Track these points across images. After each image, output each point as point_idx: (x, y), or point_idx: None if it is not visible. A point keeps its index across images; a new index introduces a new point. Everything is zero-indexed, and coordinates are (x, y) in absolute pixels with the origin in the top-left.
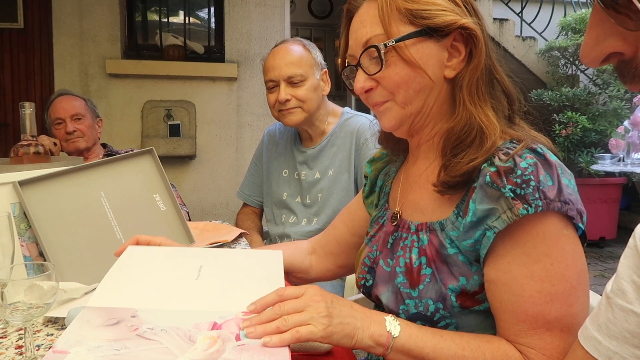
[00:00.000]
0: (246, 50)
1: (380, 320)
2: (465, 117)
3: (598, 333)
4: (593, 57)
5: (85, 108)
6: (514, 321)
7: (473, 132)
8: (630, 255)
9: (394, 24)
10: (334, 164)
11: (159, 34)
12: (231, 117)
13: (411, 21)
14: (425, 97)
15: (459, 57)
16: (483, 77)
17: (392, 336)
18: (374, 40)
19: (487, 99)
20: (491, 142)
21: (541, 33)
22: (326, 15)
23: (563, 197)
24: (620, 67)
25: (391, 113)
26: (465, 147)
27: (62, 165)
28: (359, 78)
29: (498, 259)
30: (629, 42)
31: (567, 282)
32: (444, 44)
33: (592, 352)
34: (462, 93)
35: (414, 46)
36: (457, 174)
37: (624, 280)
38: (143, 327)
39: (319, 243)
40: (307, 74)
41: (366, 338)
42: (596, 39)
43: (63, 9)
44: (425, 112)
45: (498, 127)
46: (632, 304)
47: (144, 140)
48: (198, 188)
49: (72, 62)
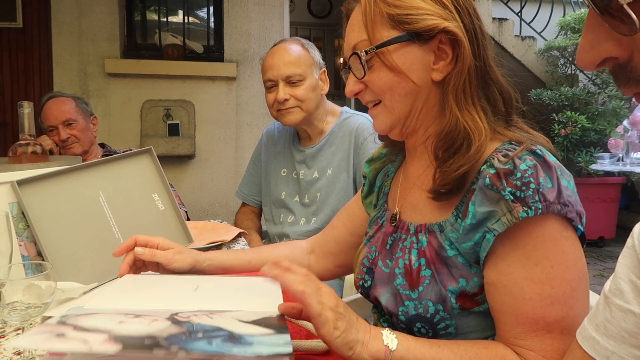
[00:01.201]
0: (245, 50)
1: (377, 335)
2: (452, 122)
3: (596, 333)
4: (588, 61)
5: (76, 110)
6: (514, 324)
7: (460, 136)
8: (629, 255)
9: (377, 29)
10: (333, 163)
11: (158, 34)
12: (230, 117)
13: (394, 26)
14: (412, 101)
15: (446, 59)
16: (471, 79)
17: (389, 350)
18: (359, 45)
19: (475, 102)
20: (476, 148)
21: (540, 33)
22: (325, 14)
23: (563, 199)
24: (615, 71)
25: (381, 117)
26: (453, 153)
27: (60, 165)
28: (349, 81)
29: (498, 261)
30: (623, 47)
31: (567, 285)
32: (430, 47)
33: (590, 351)
34: (448, 97)
35: (397, 51)
36: (446, 182)
37: (622, 280)
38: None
39: (317, 243)
40: (306, 74)
41: (364, 353)
42: (591, 43)
43: (62, 9)
44: (415, 115)
45: (485, 131)
46: (630, 303)
47: (143, 140)
48: (197, 188)
49: (71, 62)
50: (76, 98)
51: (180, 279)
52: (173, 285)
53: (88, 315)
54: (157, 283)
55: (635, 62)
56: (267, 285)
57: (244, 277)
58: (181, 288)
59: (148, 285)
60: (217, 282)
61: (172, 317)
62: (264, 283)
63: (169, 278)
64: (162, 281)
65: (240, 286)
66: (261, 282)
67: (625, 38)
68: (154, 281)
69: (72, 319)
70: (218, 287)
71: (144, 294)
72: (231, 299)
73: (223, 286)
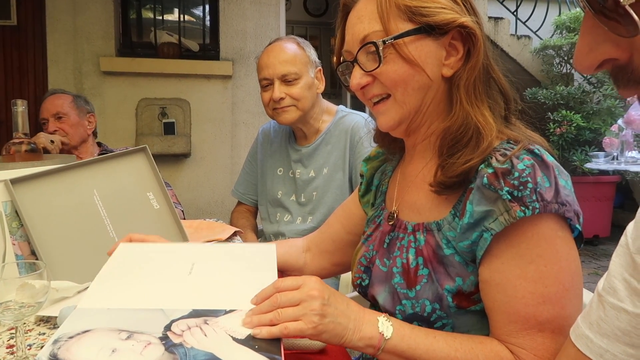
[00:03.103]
0: (241, 48)
1: (373, 320)
2: (462, 117)
3: (589, 331)
4: (587, 65)
5: (70, 105)
6: (507, 321)
7: (469, 132)
8: (622, 254)
9: (393, 21)
10: (329, 162)
11: (154, 32)
12: (226, 115)
13: (410, 18)
14: (423, 95)
15: (457, 55)
16: (480, 76)
17: (384, 338)
18: (372, 36)
19: (484, 98)
20: (487, 143)
21: (536, 32)
22: (322, 13)
23: (560, 198)
24: (615, 73)
25: (390, 113)
26: (461, 147)
27: (54, 164)
28: (355, 74)
29: (492, 259)
30: (622, 48)
31: (560, 284)
32: (442, 42)
33: (584, 349)
34: (460, 92)
35: (413, 44)
36: (453, 175)
37: (616, 279)
38: None
39: (313, 241)
40: (302, 72)
41: (356, 339)
42: (589, 46)
43: (57, 6)
44: (423, 111)
45: (494, 127)
46: (624, 301)
47: (138, 139)
48: (193, 186)
49: (66, 60)
50: (76, 96)
51: (175, 256)
52: (167, 268)
53: (80, 340)
54: (151, 262)
55: (636, 64)
56: (261, 258)
57: (238, 247)
58: (176, 271)
59: (141, 266)
60: (212, 257)
61: (165, 335)
62: (259, 253)
63: (164, 253)
64: (156, 259)
65: (235, 261)
66: (256, 253)
67: (624, 39)
68: (148, 258)
69: (63, 352)
70: (213, 266)
71: (137, 285)
72: (226, 286)
73: (218, 263)
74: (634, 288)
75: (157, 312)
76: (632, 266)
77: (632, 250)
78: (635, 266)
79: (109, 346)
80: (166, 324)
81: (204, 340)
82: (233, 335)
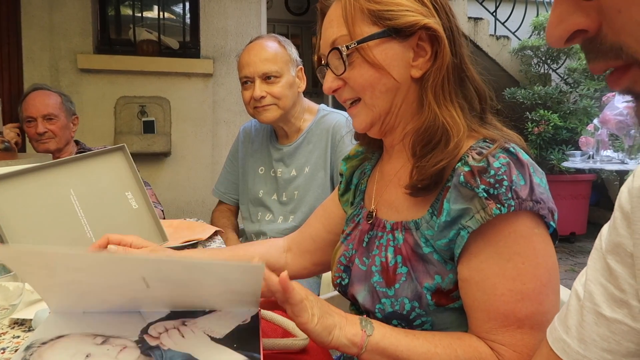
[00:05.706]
0: (222, 46)
1: (354, 320)
2: (430, 118)
3: (567, 335)
4: (557, 36)
5: (60, 107)
6: (486, 319)
7: (438, 132)
8: (597, 258)
9: (358, 25)
10: (310, 161)
11: (133, 29)
12: (207, 114)
13: (374, 22)
14: (392, 97)
15: (425, 56)
16: (449, 76)
17: (366, 334)
18: (339, 41)
19: (453, 98)
20: (454, 143)
21: (514, 32)
22: (303, 12)
23: (535, 196)
24: (586, 46)
25: (361, 116)
26: (431, 149)
27: (30, 162)
28: (327, 78)
29: (471, 257)
30: (591, 18)
31: (538, 281)
32: (409, 43)
33: (561, 354)
34: (427, 93)
35: (378, 47)
36: (424, 177)
37: (592, 283)
38: None
39: (294, 241)
40: (283, 71)
41: (342, 336)
42: (559, 17)
43: (32, 2)
44: (394, 112)
45: (463, 128)
46: (600, 306)
47: (117, 137)
48: (173, 186)
49: (42, 57)
50: (63, 95)
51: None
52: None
53: (53, 346)
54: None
55: (604, 33)
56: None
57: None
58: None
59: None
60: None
61: (141, 338)
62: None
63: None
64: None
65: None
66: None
67: (593, 8)
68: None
69: (35, 358)
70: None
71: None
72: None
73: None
74: (610, 293)
75: (135, 315)
76: (607, 271)
77: (604, 251)
78: (610, 271)
79: (83, 351)
80: (143, 327)
81: (181, 341)
82: (211, 335)
